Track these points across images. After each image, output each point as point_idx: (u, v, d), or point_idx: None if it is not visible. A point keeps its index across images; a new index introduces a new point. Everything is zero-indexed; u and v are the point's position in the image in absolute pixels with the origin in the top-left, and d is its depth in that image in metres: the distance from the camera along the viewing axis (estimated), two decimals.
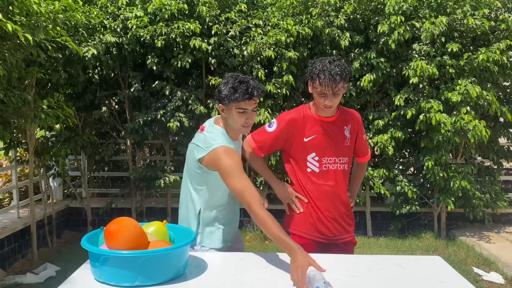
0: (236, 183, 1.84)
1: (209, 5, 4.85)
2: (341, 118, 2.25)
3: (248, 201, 1.80)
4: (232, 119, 1.95)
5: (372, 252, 4.71)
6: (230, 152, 1.90)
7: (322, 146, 2.18)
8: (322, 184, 2.20)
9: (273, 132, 2.21)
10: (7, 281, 3.96)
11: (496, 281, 3.93)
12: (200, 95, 5.03)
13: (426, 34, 4.64)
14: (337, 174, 2.22)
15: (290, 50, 4.80)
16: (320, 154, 2.19)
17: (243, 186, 1.83)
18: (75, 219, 5.71)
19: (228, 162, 1.86)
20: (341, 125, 2.24)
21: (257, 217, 1.77)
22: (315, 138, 2.18)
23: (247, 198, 1.80)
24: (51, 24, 3.46)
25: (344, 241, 2.29)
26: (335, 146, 2.20)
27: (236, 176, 1.84)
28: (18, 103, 3.73)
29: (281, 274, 1.73)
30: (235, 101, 1.90)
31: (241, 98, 1.89)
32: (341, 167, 2.23)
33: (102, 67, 4.94)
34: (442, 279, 1.70)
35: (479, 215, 5.07)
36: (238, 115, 1.93)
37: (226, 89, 1.91)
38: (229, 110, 1.94)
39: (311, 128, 2.19)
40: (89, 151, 5.46)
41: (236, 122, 1.95)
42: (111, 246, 1.59)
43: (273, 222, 1.74)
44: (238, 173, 1.85)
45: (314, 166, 2.20)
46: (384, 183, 5.23)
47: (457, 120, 4.56)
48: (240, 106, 1.91)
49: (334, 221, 2.23)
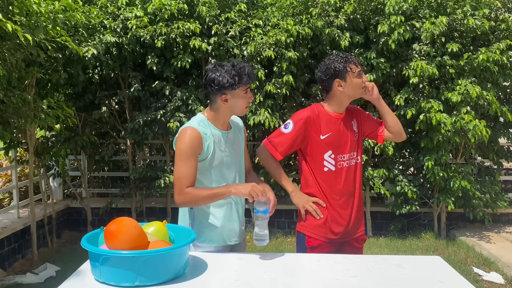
0: (176, 167, 1.94)
1: (209, 5, 4.85)
2: (349, 113, 2.29)
3: (175, 191, 1.93)
4: (239, 104, 2.00)
5: (372, 252, 4.71)
6: (186, 133, 1.94)
7: (338, 143, 2.20)
8: (337, 183, 2.21)
9: (290, 133, 2.18)
10: (7, 281, 3.95)
11: (496, 281, 3.93)
12: (200, 95, 5.02)
13: (426, 34, 4.64)
14: (350, 170, 2.24)
15: (290, 50, 4.79)
16: (336, 152, 2.20)
17: (178, 172, 1.93)
18: (75, 219, 5.71)
19: (180, 142, 1.95)
20: (349, 120, 2.27)
21: (183, 203, 1.94)
22: (331, 135, 2.19)
23: (175, 187, 1.93)
24: (51, 24, 3.46)
25: (355, 237, 2.32)
26: (348, 142, 2.23)
27: (178, 160, 1.94)
28: (18, 103, 3.73)
29: (281, 274, 1.73)
30: (243, 85, 1.97)
31: (248, 80, 1.98)
32: (353, 162, 2.25)
33: (102, 67, 4.94)
34: (442, 279, 1.70)
35: (479, 215, 5.07)
36: (244, 96, 2.00)
37: (228, 77, 1.94)
38: (235, 96, 1.98)
39: (326, 126, 2.20)
40: (89, 151, 5.46)
41: (243, 105, 2.01)
42: (111, 246, 1.59)
43: (197, 192, 1.92)
44: (181, 158, 1.93)
45: (330, 164, 2.20)
46: (384, 183, 5.23)
47: (457, 120, 4.56)
48: (245, 88, 1.99)
49: (348, 218, 2.25)
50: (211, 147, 1.98)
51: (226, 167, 2.04)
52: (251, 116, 4.80)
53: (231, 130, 2.12)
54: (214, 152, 1.99)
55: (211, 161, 1.98)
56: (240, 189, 1.90)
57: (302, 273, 1.75)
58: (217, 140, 2.01)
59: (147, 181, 5.22)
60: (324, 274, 1.75)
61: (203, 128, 1.98)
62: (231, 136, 2.10)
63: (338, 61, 2.15)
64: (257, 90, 4.90)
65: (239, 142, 2.16)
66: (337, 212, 2.22)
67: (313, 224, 2.23)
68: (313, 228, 2.23)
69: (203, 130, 1.97)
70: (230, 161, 2.06)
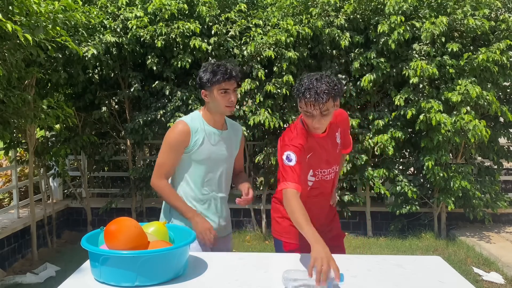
0: (159, 155, 2.10)
1: (209, 5, 4.85)
2: (332, 127, 2.10)
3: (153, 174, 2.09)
4: (216, 102, 2.06)
5: (372, 252, 4.71)
6: (175, 127, 2.07)
7: (318, 161, 2.09)
8: (315, 195, 2.16)
9: (296, 164, 1.94)
10: (7, 281, 3.95)
11: (496, 281, 3.93)
12: (200, 95, 5.00)
13: (426, 34, 4.64)
14: (328, 182, 2.18)
15: (290, 50, 4.80)
16: (315, 168, 2.11)
17: (158, 159, 2.10)
18: (75, 219, 5.71)
19: (167, 135, 2.09)
20: (333, 134, 2.12)
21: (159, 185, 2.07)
22: (312, 155, 2.07)
23: (154, 172, 2.09)
24: (51, 24, 3.46)
25: (331, 236, 2.23)
26: (329, 157, 2.12)
27: (162, 150, 2.09)
28: (18, 103, 3.73)
29: (281, 274, 1.72)
30: (217, 83, 2.03)
31: (222, 79, 2.02)
32: (332, 175, 2.18)
33: (102, 67, 4.94)
34: (442, 279, 1.70)
35: (479, 215, 5.07)
36: (220, 96, 2.05)
37: (207, 74, 2.06)
38: (212, 94, 2.06)
39: (308, 147, 2.04)
40: (89, 151, 5.46)
41: (220, 103, 2.06)
42: (111, 246, 1.59)
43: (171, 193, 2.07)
44: (164, 149, 2.08)
45: (311, 182, 2.14)
46: (384, 183, 5.23)
47: (457, 120, 4.56)
48: (221, 87, 2.04)
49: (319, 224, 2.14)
50: (199, 141, 2.08)
51: (214, 163, 2.13)
52: (251, 116, 4.81)
53: (227, 131, 2.19)
54: (203, 146, 2.08)
55: (198, 154, 2.09)
56: (198, 222, 2.04)
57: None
58: (207, 135, 2.10)
59: (147, 181, 5.22)
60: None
61: (195, 124, 2.09)
62: (224, 136, 2.17)
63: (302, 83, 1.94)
64: (257, 90, 4.90)
65: (232, 145, 2.22)
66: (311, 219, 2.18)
67: (286, 230, 2.20)
68: (287, 232, 2.20)
69: (194, 125, 2.08)
70: (218, 159, 2.14)
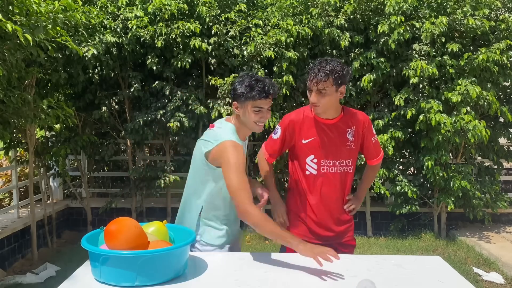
0: (235, 178, 1.83)
1: (209, 5, 4.85)
2: (344, 120, 2.19)
3: (242, 200, 1.79)
4: (247, 117, 1.97)
5: (372, 252, 4.71)
6: (238, 148, 1.90)
7: (321, 148, 2.16)
8: (318, 187, 2.19)
9: (278, 138, 2.22)
10: (7, 281, 3.95)
11: (496, 281, 3.93)
12: (200, 95, 5.02)
13: (426, 34, 4.64)
14: (335, 177, 2.20)
15: (290, 50, 4.79)
16: (318, 157, 2.16)
17: (241, 184, 1.81)
18: (75, 219, 5.71)
19: (233, 156, 1.86)
20: (343, 127, 2.18)
21: (250, 216, 1.78)
22: (314, 140, 2.16)
23: (241, 196, 1.80)
24: (51, 24, 3.46)
25: (342, 241, 2.28)
26: (335, 148, 2.17)
27: (237, 172, 1.83)
28: (18, 103, 3.72)
29: (281, 274, 1.73)
30: (251, 99, 1.93)
31: (258, 96, 1.92)
32: (340, 169, 2.19)
33: (102, 67, 4.94)
34: (442, 279, 1.70)
35: (479, 215, 5.07)
36: (253, 113, 1.95)
37: (242, 87, 1.94)
38: (245, 108, 1.96)
39: (308, 130, 2.16)
40: (89, 151, 5.45)
41: (250, 120, 1.97)
42: (111, 246, 1.59)
43: (267, 221, 1.78)
44: (240, 170, 1.84)
45: (312, 168, 2.18)
46: (384, 183, 5.23)
47: (457, 120, 4.56)
48: (256, 105, 1.94)
49: (328, 224, 2.23)
50: None
51: None
52: None
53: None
54: None
55: None
56: (311, 246, 1.80)
57: (302, 273, 1.75)
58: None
59: (147, 181, 5.23)
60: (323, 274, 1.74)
61: (238, 141, 1.96)
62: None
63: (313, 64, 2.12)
64: None
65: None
66: (316, 215, 2.21)
67: (293, 223, 2.25)
68: (292, 227, 2.25)
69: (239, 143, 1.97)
70: None
